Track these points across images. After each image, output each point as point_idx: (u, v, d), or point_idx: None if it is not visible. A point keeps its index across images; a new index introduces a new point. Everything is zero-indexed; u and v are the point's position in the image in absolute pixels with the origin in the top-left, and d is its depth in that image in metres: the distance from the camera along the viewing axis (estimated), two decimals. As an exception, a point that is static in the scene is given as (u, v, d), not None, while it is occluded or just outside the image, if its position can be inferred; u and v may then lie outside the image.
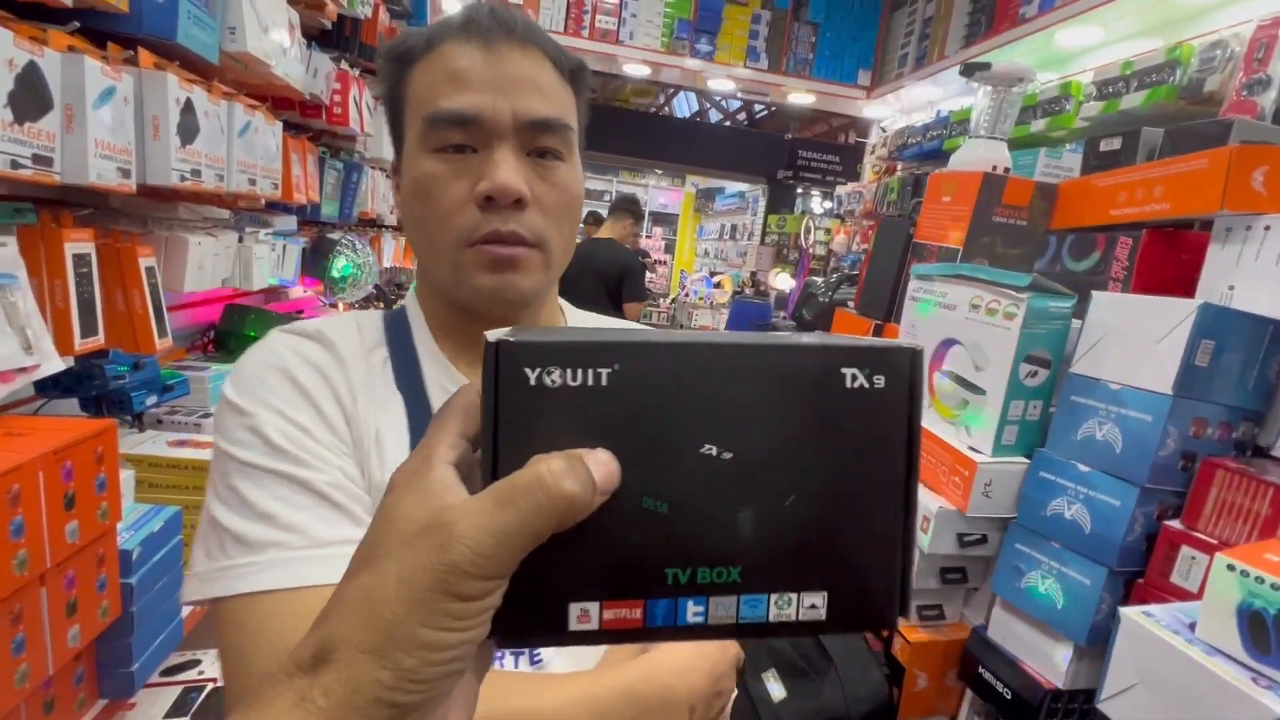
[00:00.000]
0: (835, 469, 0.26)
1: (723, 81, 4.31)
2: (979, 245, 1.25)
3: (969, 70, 1.32)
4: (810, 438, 0.25)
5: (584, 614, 0.24)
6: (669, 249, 10.35)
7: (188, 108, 0.89)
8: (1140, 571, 0.90)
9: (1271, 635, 0.60)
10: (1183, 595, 0.83)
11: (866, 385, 0.26)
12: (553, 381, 0.24)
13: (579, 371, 0.24)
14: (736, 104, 8.02)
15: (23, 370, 0.71)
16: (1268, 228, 0.91)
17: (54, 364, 0.75)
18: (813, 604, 0.26)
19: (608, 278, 3.10)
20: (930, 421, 1.17)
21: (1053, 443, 1.01)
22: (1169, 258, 1.07)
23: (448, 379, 0.55)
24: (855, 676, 1.10)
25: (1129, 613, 0.70)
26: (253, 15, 1.00)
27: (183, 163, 0.89)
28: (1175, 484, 0.88)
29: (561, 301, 0.65)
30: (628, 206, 3.45)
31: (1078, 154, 1.45)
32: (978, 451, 1.06)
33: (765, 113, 7.98)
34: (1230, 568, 0.63)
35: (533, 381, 0.24)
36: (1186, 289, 1.02)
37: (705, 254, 10.03)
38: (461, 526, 0.22)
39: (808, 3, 4.06)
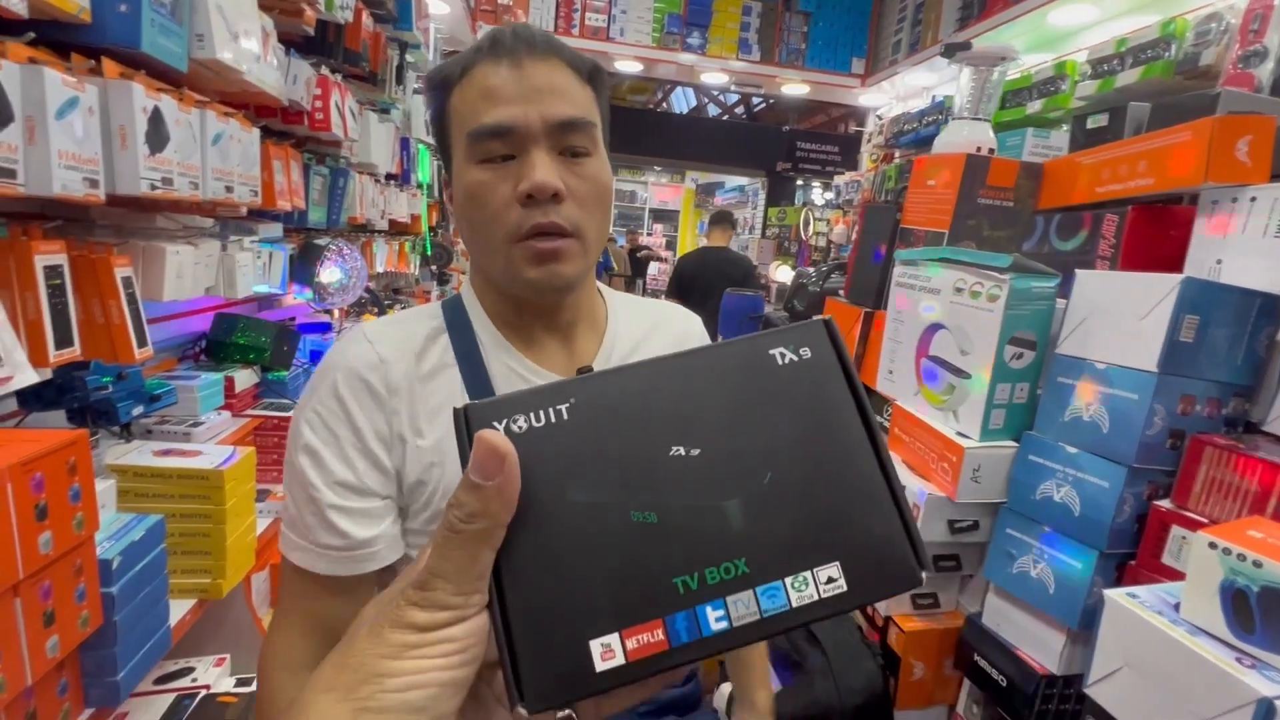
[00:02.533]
0: (798, 439, 0.27)
1: (716, 75, 4.29)
2: (965, 228, 1.24)
3: (950, 51, 1.30)
4: (764, 417, 0.27)
5: (607, 649, 0.24)
6: (670, 245, 10.33)
7: (156, 116, 0.89)
8: (1132, 553, 0.88)
9: (1255, 613, 0.58)
10: (1175, 576, 0.81)
11: (796, 358, 0.28)
12: (519, 428, 0.26)
13: (540, 413, 0.26)
14: (734, 97, 7.98)
15: (-6, 383, 0.71)
16: (1254, 199, 0.89)
17: (27, 375, 0.75)
18: (829, 577, 0.25)
19: (733, 279, 3.74)
20: (917, 407, 1.16)
21: (1041, 425, 0.99)
22: (1156, 233, 1.05)
23: (509, 357, 0.65)
24: (847, 667, 1.09)
25: (1113, 595, 0.69)
26: (221, 22, 1.00)
27: (152, 171, 0.89)
28: (1164, 463, 0.86)
29: (601, 286, 0.74)
30: (728, 217, 4.20)
31: (1066, 133, 1.42)
32: (966, 436, 1.05)
33: (763, 105, 7.94)
34: (1212, 545, 0.61)
35: (502, 431, 0.25)
36: (1175, 265, 1.00)
37: (707, 249, 9.91)
38: (409, 565, 0.26)
39: (799, -8, 4.03)
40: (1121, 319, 0.89)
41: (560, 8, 3.87)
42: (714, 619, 0.24)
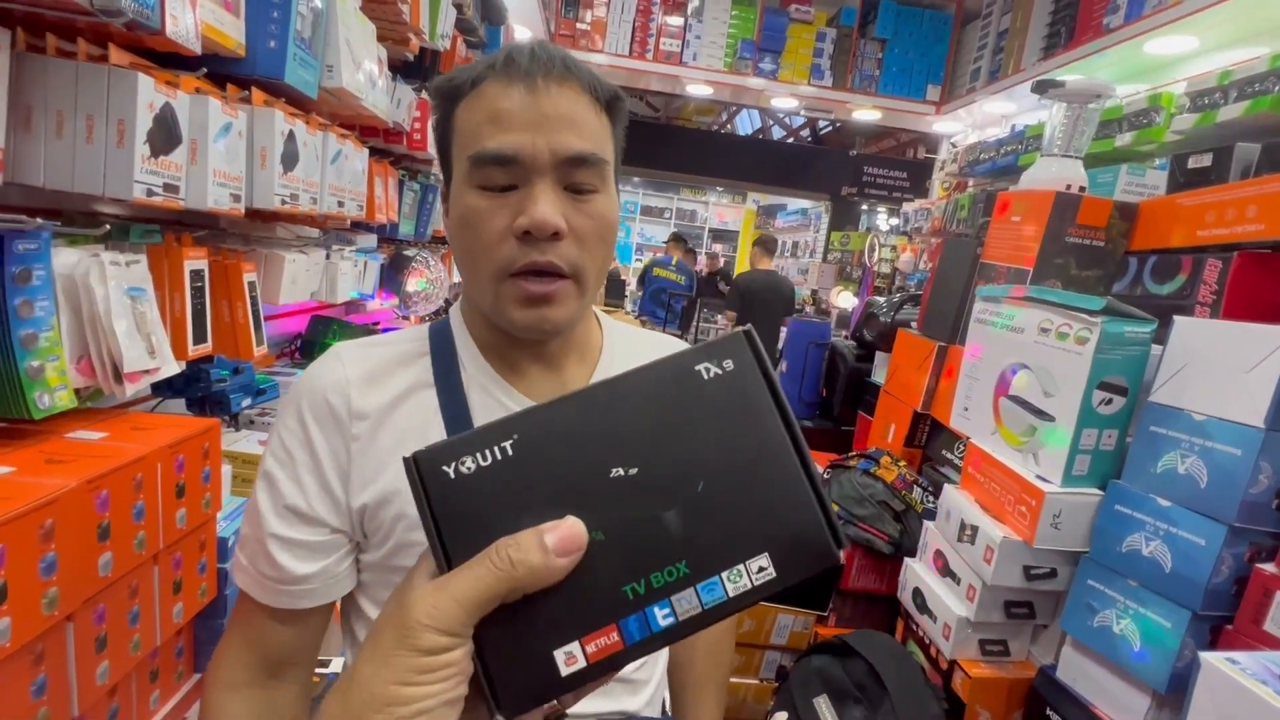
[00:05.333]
0: (726, 447, 0.29)
1: (786, 100, 4.30)
2: (1051, 266, 1.21)
3: (1041, 88, 1.28)
4: (694, 429, 0.29)
5: (570, 656, 0.27)
6: (729, 265, 10.31)
7: (290, 138, 0.99)
8: (1229, 617, 0.84)
9: (1374, 693, 0.55)
10: (1277, 645, 0.77)
11: (720, 371, 0.30)
12: (468, 469, 0.28)
13: (486, 452, 0.28)
14: (800, 120, 7.96)
15: (146, 372, 0.80)
16: (1379, 251, 0.84)
17: (171, 367, 0.84)
18: (760, 566, 0.28)
19: (783, 294, 4.41)
20: (995, 447, 1.14)
21: (1130, 474, 0.96)
22: (1264, 282, 1.00)
23: (491, 384, 0.61)
24: (911, 708, 1.07)
25: (1211, 658, 0.66)
26: (347, 54, 1.10)
27: (284, 188, 0.99)
28: (1269, 524, 0.82)
29: (599, 314, 0.70)
30: (772, 243, 4.88)
31: (1163, 171, 1.37)
32: (1046, 481, 1.02)
33: (830, 128, 7.88)
34: (1326, 616, 0.58)
35: (452, 475, 0.28)
36: (1285, 315, 0.95)
37: (765, 271, 9.86)
38: (421, 591, 0.26)
39: (875, 20, 4.01)
40: (1224, 370, 0.85)
41: (636, 33, 3.98)
42: (661, 617, 0.27)
